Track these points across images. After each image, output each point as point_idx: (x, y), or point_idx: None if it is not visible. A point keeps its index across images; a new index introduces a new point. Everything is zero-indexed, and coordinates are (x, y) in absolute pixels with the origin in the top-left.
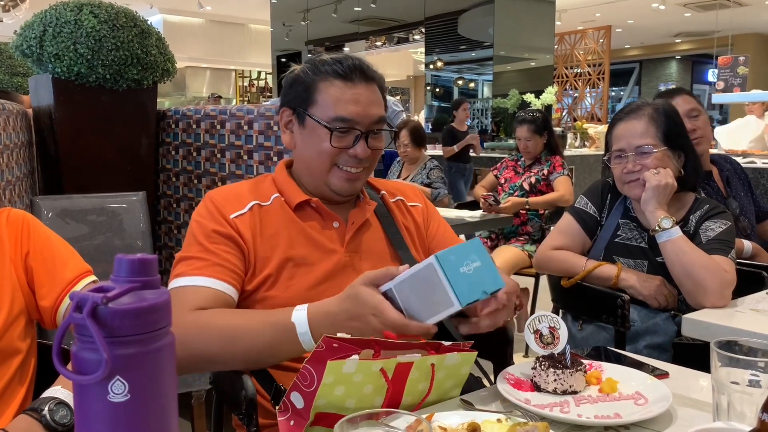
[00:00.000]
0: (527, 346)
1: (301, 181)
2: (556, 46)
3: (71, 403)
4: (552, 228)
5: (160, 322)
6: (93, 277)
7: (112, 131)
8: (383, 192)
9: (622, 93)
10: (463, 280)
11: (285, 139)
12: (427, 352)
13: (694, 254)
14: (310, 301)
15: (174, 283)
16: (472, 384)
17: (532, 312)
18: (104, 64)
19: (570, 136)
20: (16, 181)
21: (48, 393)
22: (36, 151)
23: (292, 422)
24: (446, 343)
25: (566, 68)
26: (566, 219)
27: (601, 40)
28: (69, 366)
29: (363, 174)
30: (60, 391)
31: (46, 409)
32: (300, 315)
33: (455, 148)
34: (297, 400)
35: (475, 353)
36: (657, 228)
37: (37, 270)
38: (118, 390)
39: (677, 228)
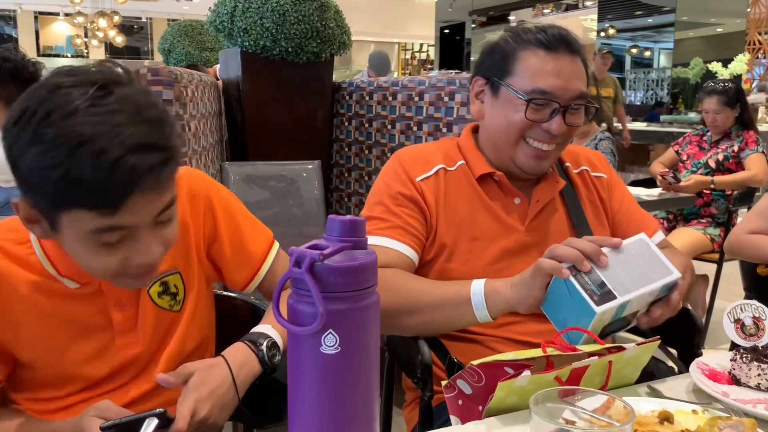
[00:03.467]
0: (704, 336)
1: (485, 153)
2: (749, 9)
3: (280, 344)
4: (743, 211)
5: (368, 280)
6: (277, 245)
7: (292, 102)
8: (567, 164)
9: None
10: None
11: (474, 109)
12: (606, 353)
13: None
14: (490, 276)
15: None
16: (652, 368)
17: (711, 302)
18: (287, 38)
19: (762, 110)
20: (210, 148)
21: (261, 329)
22: (225, 120)
23: (460, 401)
24: (629, 346)
25: (760, 33)
26: (766, 200)
27: None
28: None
29: (554, 152)
30: (271, 330)
31: (264, 345)
32: (478, 281)
33: None
34: (464, 387)
35: (658, 342)
36: None
37: (225, 246)
38: (330, 342)
39: None
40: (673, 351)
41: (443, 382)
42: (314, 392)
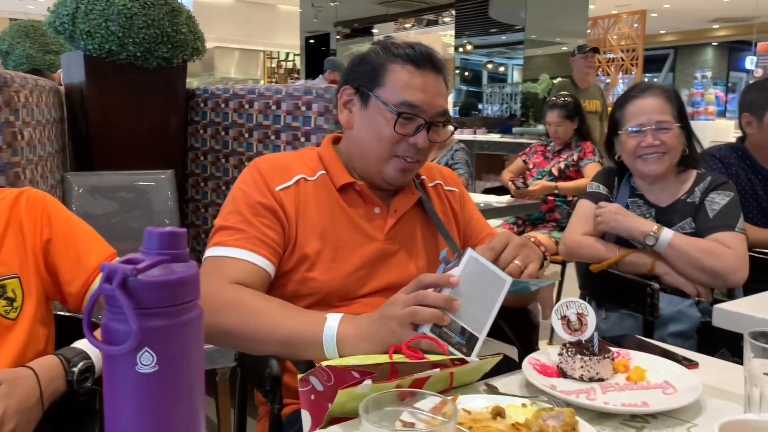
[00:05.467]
0: (552, 333)
1: (350, 162)
2: (589, 31)
3: (98, 366)
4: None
5: (188, 295)
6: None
7: (142, 109)
8: (423, 177)
9: (655, 79)
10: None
11: (342, 119)
12: (451, 365)
13: (695, 246)
14: (350, 286)
15: (212, 251)
16: (501, 366)
17: (557, 301)
18: (135, 42)
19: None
20: (48, 157)
21: (84, 346)
22: (67, 127)
23: (312, 396)
24: (474, 360)
25: (599, 53)
26: (584, 204)
27: (635, 25)
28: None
29: (416, 166)
30: (93, 349)
31: (77, 368)
32: (332, 320)
33: None
34: (316, 384)
35: (500, 357)
36: (651, 240)
37: (59, 257)
38: (147, 361)
39: (665, 230)
40: (514, 349)
41: (299, 376)
42: (133, 413)
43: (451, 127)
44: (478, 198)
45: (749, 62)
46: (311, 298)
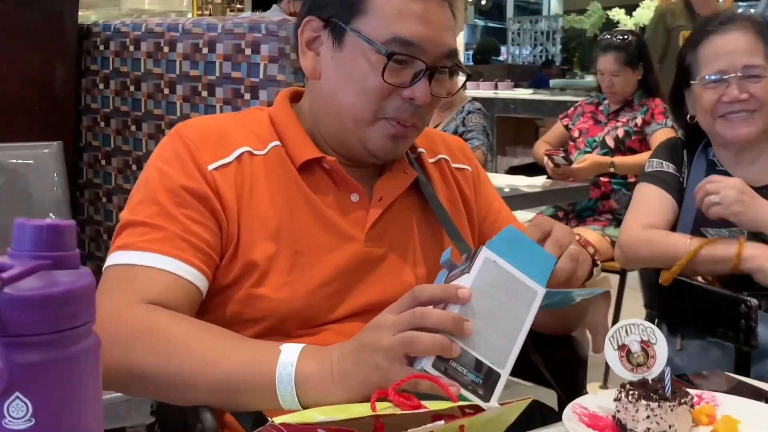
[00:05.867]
0: (606, 371)
1: (316, 129)
2: None
3: None
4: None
5: (78, 317)
6: None
7: (13, 54)
8: (421, 149)
9: (752, 10)
10: (526, 260)
11: (306, 64)
12: (461, 415)
13: None
14: (316, 307)
15: (117, 258)
16: (532, 416)
17: (615, 323)
18: None
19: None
20: None
21: None
22: None
23: None
24: (493, 406)
25: None
26: (646, 189)
27: None
28: None
29: (412, 132)
30: None
31: None
32: (289, 354)
33: None
34: None
35: (528, 401)
36: None
37: None
38: (18, 413)
39: None
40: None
41: None
42: None
43: (462, 77)
44: (501, 180)
45: None
46: (261, 325)
